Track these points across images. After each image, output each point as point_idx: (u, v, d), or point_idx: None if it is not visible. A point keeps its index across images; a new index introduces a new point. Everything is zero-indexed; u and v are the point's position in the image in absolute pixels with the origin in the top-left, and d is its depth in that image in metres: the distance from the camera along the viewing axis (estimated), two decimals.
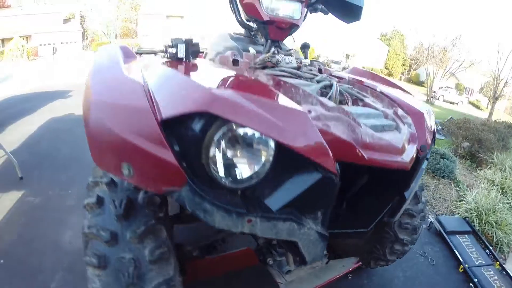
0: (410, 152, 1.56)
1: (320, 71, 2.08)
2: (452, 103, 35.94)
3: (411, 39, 52.23)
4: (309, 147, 1.15)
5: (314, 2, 2.02)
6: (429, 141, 1.75)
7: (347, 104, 1.68)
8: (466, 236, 4.35)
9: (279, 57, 1.76)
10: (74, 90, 9.54)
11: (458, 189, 5.76)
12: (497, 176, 6.20)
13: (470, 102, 44.61)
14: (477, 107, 44.91)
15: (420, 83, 51.09)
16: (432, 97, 24.24)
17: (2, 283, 2.40)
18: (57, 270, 2.55)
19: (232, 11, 2.01)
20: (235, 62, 1.74)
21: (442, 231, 4.34)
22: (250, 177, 1.14)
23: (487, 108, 44.44)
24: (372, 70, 38.37)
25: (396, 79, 52.33)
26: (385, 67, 54.16)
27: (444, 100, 26.16)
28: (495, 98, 28.01)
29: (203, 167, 1.10)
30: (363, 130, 1.38)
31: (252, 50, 1.79)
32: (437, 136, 8.81)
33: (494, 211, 4.71)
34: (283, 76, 1.72)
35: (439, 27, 57.97)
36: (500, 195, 5.46)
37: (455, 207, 5.12)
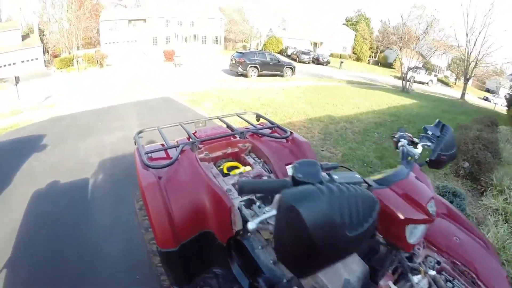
0: None
1: None
2: (422, 83, 36.54)
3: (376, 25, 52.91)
4: None
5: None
6: None
7: None
8: None
9: None
10: (47, 135, 8.60)
11: None
12: (499, 203, 6.02)
13: (439, 80, 45.34)
14: (446, 83, 46.51)
15: (388, 65, 51.97)
16: (408, 82, 24.74)
17: None
18: None
19: None
20: None
21: None
22: None
23: (455, 83, 46.36)
24: (340, 57, 39.14)
25: (364, 63, 52.98)
26: (353, 52, 54.51)
27: (414, 81, 26.83)
28: (466, 80, 29.57)
29: None
30: None
31: None
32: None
33: (504, 248, 4.60)
34: None
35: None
36: (507, 226, 5.25)
37: None
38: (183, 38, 46.84)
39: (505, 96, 41.02)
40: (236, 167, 2.88)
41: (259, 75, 21.85)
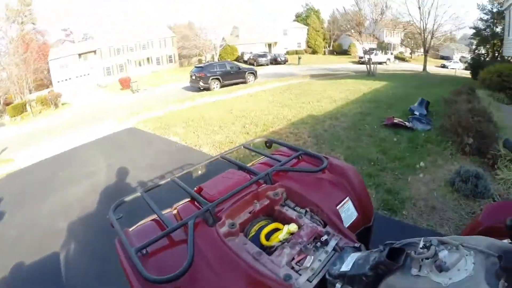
0: None
1: None
2: (380, 63, 36.69)
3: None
4: None
5: None
6: None
7: None
8: None
9: None
10: (3, 199, 7.16)
11: None
12: None
13: (396, 57, 46.43)
14: (403, 59, 48.65)
15: (344, 52, 52.72)
16: (372, 65, 25.61)
17: None
18: None
19: None
20: None
21: None
22: None
23: (411, 57, 47.99)
24: (296, 53, 39.48)
25: (320, 54, 53.26)
26: (308, 46, 54.67)
27: (373, 63, 26.92)
28: (426, 52, 30.43)
29: None
30: None
31: None
32: (419, 127, 8.57)
33: None
34: None
35: None
36: None
37: None
38: (137, 63, 45.69)
39: (460, 59, 43.91)
40: (276, 229, 1.98)
41: (222, 86, 21.20)
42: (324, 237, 1.80)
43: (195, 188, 2.36)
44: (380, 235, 2.58)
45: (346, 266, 1.50)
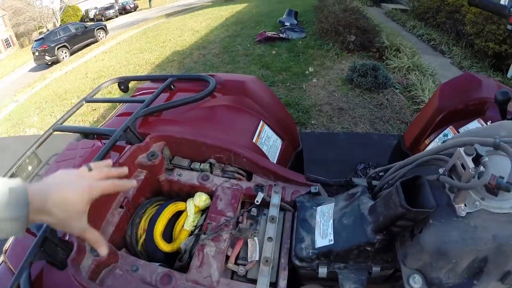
0: None
1: None
2: None
3: None
4: None
5: None
6: None
7: None
8: None
9: None
10: None
11: (400, 91, 5.30)
12: (405, 60, 6.14)
13: None
14: None
15: None
16: None
17: None
18: None
19: None
20: None
21: None
22: None
23: None
24: None
25: None
26: None
27: None
28: None
29: None
30: None
31: None
32: (295, 36, 8.46)
33: None
34: None
35: None
36: (430, 79, 5.40)
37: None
38: None
39: None
40: (178, 214, 1.23)
41: (72, 53, 18.79)
42: (259, 196, 1.19)
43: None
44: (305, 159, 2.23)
45: (323, 238, 0.98)
